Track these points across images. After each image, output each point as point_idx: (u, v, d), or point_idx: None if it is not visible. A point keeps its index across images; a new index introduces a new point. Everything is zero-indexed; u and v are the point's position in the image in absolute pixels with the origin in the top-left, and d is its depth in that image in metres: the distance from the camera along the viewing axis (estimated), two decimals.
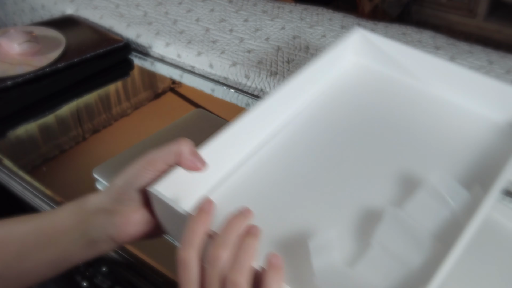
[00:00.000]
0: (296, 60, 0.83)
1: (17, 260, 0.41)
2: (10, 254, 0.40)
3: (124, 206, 0.39)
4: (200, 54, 0.87)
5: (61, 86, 0.82)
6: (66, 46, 0.86)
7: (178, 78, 0.90)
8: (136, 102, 0.85)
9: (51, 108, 0.80)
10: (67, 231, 0.40)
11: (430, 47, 0.80)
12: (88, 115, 0.80)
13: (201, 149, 0.42)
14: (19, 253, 0.41)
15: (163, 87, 0.89)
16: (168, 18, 0.99)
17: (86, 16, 1.04)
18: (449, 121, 0.53)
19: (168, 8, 1.02)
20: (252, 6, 1.00)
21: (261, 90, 0.81)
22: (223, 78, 0.85)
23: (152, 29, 0.96)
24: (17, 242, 0.41)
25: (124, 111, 0.83)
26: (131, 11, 1.02)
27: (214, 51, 0.87)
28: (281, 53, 0.85)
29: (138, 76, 0.92)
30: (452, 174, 0.46)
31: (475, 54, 0.77)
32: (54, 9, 1.10)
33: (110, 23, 1.00)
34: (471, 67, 0.75)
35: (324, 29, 0.89)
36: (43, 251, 0.41)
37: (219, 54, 0.86)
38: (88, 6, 1.05)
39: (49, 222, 0.41)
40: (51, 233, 0.41)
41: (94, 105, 0.83)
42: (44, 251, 0.41)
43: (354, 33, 0.60)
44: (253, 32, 0.92)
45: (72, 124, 0.78)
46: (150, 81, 0.91)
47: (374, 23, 0.91)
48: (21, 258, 0.41)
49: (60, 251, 0.41)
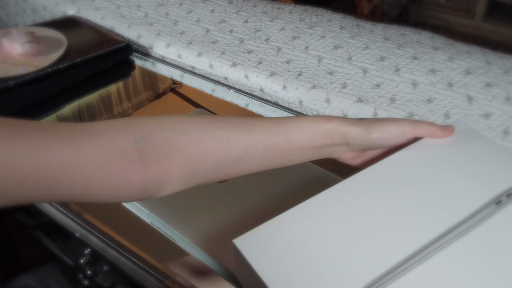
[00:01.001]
0: (295, 60, 0.84)
1: (234, 164, 0.42)
2: (239, 148, 0.42)
3: (360, 151, 0.47)
4: (201, 55, 0.88)
5: (63, 86, 0.82)
6: (68, 47, 0.87)
7: (178, 79, 0.91)
8: (137, 102, 0.85)
9: (53, 109, 0.80)
10: (301, 149, 0.44)
11: (428, 47, 0.81)
12: (90, 115, 0.81)
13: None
14: (246, 150, 0.42)
15: (164, 87, 0.90)
16: (169, 19, 1.00)
17: (88, 17, 1.04)
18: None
19: (168, 9, 1.03)
20: (252, 7, 1.01)
21: (261, 90, 0.82)
22: (223, 79, 0.86)
23: (153, 30, 0.96)
24: (242, 149, 0.42)
25: (125, 111, 0.83)
26: (132, 12, 1.02)
27: (215, 52, 0.88)
28: (281, 53, 0.86)
29: (139, 77, 0.93)
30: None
31: (473, 55, 0.78)
32: (55, 10, 1.10)
33: (111, 24, 1.00)
34: (469, 67, 0.75)
35: (324, 29, 0.90)
36: (267, 159, 0.43)
37: (219, 54, 0.87)
38: (90, 7, 1.06)
39: (286, 138, 0.43)
40: (284, 147, 0.43)
41: (95, 105, 0.84)
42: (268, 160, 0.43)
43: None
44: (253, 33, 0.92)
45: None
46: (151, 81, 0.92)
47: (373, 24, 0.92)
48: (241, 162, 0.43)
49: (286, 161, 0.45)
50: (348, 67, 0.79)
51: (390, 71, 0.77)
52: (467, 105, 0.69)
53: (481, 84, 0.72)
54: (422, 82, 0.74)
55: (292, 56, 0.85)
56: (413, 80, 0.75)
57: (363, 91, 0.75)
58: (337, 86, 0.77)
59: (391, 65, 0.79)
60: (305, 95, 0.78)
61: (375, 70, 0.77)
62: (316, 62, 0.82)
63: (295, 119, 0.44)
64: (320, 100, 0.76)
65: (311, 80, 0.79)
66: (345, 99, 0.75)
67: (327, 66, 0.80)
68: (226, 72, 0.85)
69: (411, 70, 0.76)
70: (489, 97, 0.70)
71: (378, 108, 0.71)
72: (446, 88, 0.73)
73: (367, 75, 0.77)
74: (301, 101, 0.78)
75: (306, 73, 0.80)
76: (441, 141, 0.48)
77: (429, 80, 0.74)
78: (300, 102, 0.79)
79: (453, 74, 0.75)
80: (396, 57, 0.80)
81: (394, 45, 0.83)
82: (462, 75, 0.75)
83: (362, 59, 0.79)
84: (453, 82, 0.73)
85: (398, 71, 0.77)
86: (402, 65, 0.78)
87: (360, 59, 0.79)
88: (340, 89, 0.76)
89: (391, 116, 0.70)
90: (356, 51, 0.81)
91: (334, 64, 0.80)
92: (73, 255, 0.69)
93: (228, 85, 0.86)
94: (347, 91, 0.75)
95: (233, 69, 0.84)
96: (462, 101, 0.70)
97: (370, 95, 0.74)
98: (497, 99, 0.69)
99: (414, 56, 0.79)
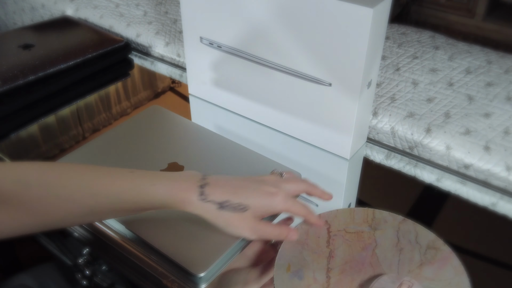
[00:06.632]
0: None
1: (82, 219, 0.43)
2: (84, 208, 0.42)
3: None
4: None
5: (62, 86, 0.82)
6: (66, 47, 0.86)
7: (177, 78, 0.91)
8: (136, 102, 0.85)
9: (52, 108, 0.80)
10: (150, 209, 0.44)
11: (429, 47, 0.81)
12: (88, 114, 0.81)
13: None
14: (92, 210, 0.42)
15: (163, 86, 0.90)
16: (168, 18, 0.99)
17: (86, 15, 1.04)
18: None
19: (167, 7, 1.03)
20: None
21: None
22: None
23: (152, 28, 0.96)
24: (95, 202, 0.42)
25: (124, 110, 0.83)
26: (131, 11, 1.02)
27: None
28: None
29: (138, 76, 0.92)
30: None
31: (474, 54, 0.77)
32: (54, 9, 1.10)
33: (110, 23, 1.00)
34: (469, 66, 0.75)
35: None
36: (115, 214, 0.44)
37: None
38: (88, 5, 1.05)
39: (134, 205, 0.43)
40: (131, 209, 0.44)
41: (94, 104, 0.83)
42: (117, 214, 0.44)
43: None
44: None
45: (72, 123, 0.79)
46: (150, 81, 0.92)
47: None
48: (89, 217, 0.43)
49: (129, 213, 0.46)
50: None
51: (390, 70, 0.77)
52: (468, 105, 0.69)
53: (481, 84, 0.72)
54: (422, 81, 0.74)
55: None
56: (413, 80, 0.74)
57: None
58: None
59: (391, 64, 0.78)
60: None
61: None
62: None
63: (147, 190, 0.43)
64: None
65: None
66: None
67: None
68: None
69: (411, 69, 0.76)
70: (489, 97, 0.69)
71: (378, 107, 0.71)
72: (446, 88, 0.72)
73: None
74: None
75: None
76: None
77: (429, 79, 0.74)
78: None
79: (454, 74, 0.74)
80: (396, 56, 0.79)
81: (394, 44, 0.83)
82: (462, 74, 0.74)
83: None
84: (454, 82, 0.73)
85: (398, 70, 0.77)
86: (402, 64, 0.78)
87: None
88: None
89: (391, 115, 0.69)
90: None
91: None
92: (71, 255, 0.68)
93: None
94: None
95: None
96: (462, 101, 0.70)
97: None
98: (497, 99, 0.69)
99: (414, 55, 0.79)
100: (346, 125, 0.64)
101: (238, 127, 0.75)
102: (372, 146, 0.71)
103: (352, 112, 0.62)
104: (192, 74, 0.79)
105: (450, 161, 0.66)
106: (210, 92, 0.78)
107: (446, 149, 0.65)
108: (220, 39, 0.70)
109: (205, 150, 0.64)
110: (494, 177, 0.63)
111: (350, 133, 0.64)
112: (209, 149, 0.64)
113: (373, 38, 0.56)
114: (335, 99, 0.62)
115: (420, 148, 0.68)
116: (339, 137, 0.65)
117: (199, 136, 0.67)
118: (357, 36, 0.55)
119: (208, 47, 0.72)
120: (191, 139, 0.66)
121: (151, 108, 0.71)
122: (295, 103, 0.67)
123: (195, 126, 0.69)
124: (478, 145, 0.64)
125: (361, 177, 0.67)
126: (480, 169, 0.63)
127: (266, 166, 0.60)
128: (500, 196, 0.62)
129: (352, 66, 0.58)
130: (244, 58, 0.68)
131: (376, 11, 0.53)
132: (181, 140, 0.65)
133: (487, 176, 0.63)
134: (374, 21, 0.54)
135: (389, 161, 0.69)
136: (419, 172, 0.67)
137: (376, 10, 0.53)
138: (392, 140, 0.70)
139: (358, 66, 0.57)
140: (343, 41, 0.57)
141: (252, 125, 0.75)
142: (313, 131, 0.68)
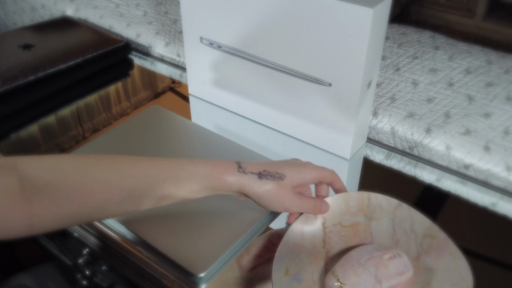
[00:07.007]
0: None
1: (119, 205, 0.42)
2: (123, 192, 0.41)
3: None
4: None
5: (62, 86, 0.82)
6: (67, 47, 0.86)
7: (177, 78, 0.91)
8: (136, 102, 0.85)
9: (52, 108, 0.80)
10: (190, 195, 0.43)
11: (429, 47, 0.81)
12: (88, 114, 0.81)
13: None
14: (130, 194, 0.41)
15: (162, 87, 0.90)
16: (168, 18, 0.99)
17: (86, 15, 1.04)
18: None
19: (167, 7, 1.03)
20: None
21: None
22: None
23: (152, 28, 0.96)
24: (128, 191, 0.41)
25: (124, 110, 0.83)
26: (131, 11, 1.02)
27: None
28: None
29: (138, 76, 0.92)
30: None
31: (474, 54, 0.77)
32: (54, 9, 1.10)
33: (110, 23, 1.00)
34: (469, 67, 0.75)
35: None
36: (152, 200, 0.42)
37: None
38: (88, 5, 1.05)
39: (174, 186, 0.42)
40: (170, 194, 0.42)
41: (94, 105, 0.83)
42: (153, 200, 0.42)
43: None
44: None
45: (72, 123, 0.79)
46: (150, 81, 0.92)
47: None
48: (127, 203, 0.42)
49: (177, 201, 0.43)
50: None
51: (390, 70, 0.77)
52: (468, 105, 0.69)
53: (481, 84, 0.72)
54: (422, 81, 0.74)
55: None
56: (413, 80, 0.74)
57: None
58: None
59: (391, 64, 0.78)
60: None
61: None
62: None
63: (187, 167, 0.43)
64: None
65: None
66: None
67: None
68: None
69: (411, 69, 0.76)
70: (489, 97, 0.69)
71: (378, 107, 0.71)
72: (446, 88, 0.72)
73: None
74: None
75: None
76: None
77: (429, 79, 0.74)
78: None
79: (454, 74, 0.74)
80: (396, 56, 0.79)
81: (394, 44, 0.83)
82: (462, 74, 0.74)
83: None
84: (454, 82, 0.73)
85: (398, 70, 0.77)
86: (402, 64, 0.78)
87: None
88: None
89: (391, 116, 0.69)
90: None
91: None
92: (71, 255, 0.68)
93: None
94: None
95: None
96: (462, 101, 0.70)
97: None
98: (497, 99, 0.69)
99: (414, 55, 0.79)
100: (346, 125, 0.64)
101: (238, 127, 0.75)
102: (372, 146, 0.72)
103: (352, 112, 0.62)
104: (192, 74, 0.79)
105: (450, 161, 0.66)
106: (210, 92, 0.78)
107: (446, 149, 0.65)
108: (220, 39, 0.70)
109: (205, 150, 0.64)
110: (494, 177, 0.63)
111: (350, 133, 0.64)
112: (209, 149, 0.64)
113: (373, 38, 0.56)
114: (335, 99, 0.62)
115: (420, 148, 0.68)
116: (339, 137, 0.65)
117: (199, 136, 0.67)
118: (357, 36, 0.55)
119: (208, 47, 0.72)
120: (191, 139, 0.66)
121: (151, 108, 0.71)
122: (295, 103, 0.67)
123: (195, 126, 0.69)
124: (478, 145, 0.64)
125: (361, 177, 0.67)
126: (480, 169, 0.63)
127: None
128: (500, 196, 0.62)
129: (352, 66, 0.58)
130: (244, 58, 0.68)
131: (376, 11, 0.54)
132: (181, 140, 0.65)
133: (487, 176, 0.63)
134: (374, 21, 0.54)
135: (389, 161, 0.69)
136: (419, 172, 0.67)
137: (376, 10, 0.53)
138: (392, 140, 0.70)
139: (358, 66, 0.57)
140: (343, 41, 0.57)
141: (252, 125, 0.75)
142: (313, 131, 0.68)
